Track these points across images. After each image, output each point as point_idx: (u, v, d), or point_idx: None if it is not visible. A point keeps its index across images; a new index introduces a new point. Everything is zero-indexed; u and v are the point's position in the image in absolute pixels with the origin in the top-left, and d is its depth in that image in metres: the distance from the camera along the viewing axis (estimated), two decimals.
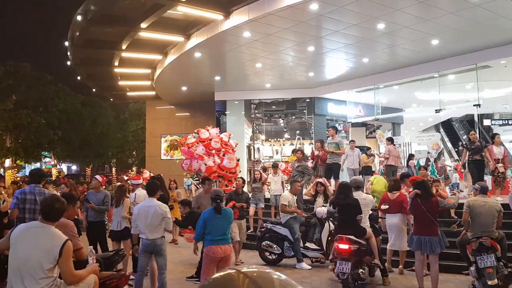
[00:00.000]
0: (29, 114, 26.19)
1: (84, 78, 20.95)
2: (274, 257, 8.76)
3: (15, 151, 27.42)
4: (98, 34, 14.82)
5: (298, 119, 20.03)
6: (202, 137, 12.16)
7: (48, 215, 3.72)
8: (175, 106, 22.02)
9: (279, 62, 14.11)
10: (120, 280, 4.68)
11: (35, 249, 3.50)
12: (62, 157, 33.36)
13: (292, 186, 9.11)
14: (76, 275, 3.72)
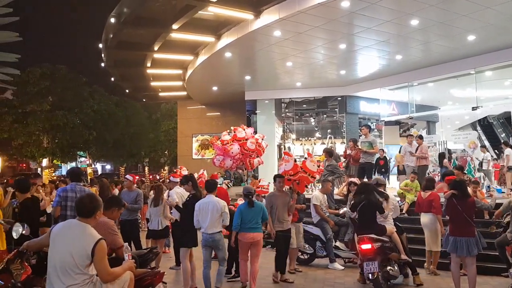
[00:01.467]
0: (65, 115, 26.98)
1: (117, 79, 21.45)
2: (306, 256, 8.69)
3: (52, 151, 28.29)
4: (131, 36, 15.13)
5: (330, 117, 19.82)
6: (238, 136, 12.19)
7: (81, 212, 3.77)
8: (206, 106, 22.21)
9: (310, 60, 13.99)
10: (154, 278, 4.72)
11: (71, 247, 3.55)
12: (97, 156, 34.18)
13: (323, 186, 9.02)
14: (111, 273, 3.74)
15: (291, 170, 7.34)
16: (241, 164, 12.96)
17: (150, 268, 5.05)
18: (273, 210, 7.21)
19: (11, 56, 1.92)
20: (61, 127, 27.01)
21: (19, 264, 4.27)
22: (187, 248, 6.75)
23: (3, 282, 3.79)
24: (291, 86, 17.40)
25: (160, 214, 8.09)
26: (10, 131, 26.33)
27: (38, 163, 31.46)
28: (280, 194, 7.40)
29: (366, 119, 18.48)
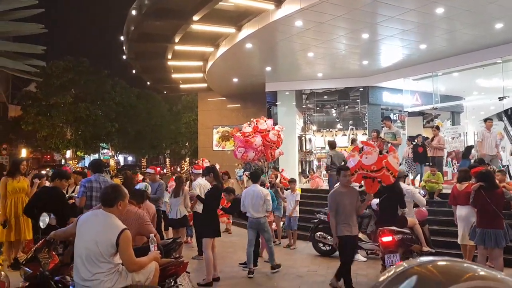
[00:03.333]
0: (87, 107, 27.44)
1: (139, 71, 21.61)
2: (328, 248, 8.65)
3: (75, 142, 28.86)
4: (152, 28, 15.20)
5: (351, 109, 19.56)
6: (260, 127, 12.14)
7: (105, 202, 3.82)
8: (227, 98, 22.20)
9: (332, 50, 13.80)
10: (178, 267, 4.75)
11: (96, 236, 3.60)
12: (119, 148, 34.73)
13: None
14: (137, 263, 3.78)
15: (375, 165, 5.90)
16: (262, 155, 12.91)
17: (174, 258, 5.09)
18: (339, 210, 6.11)
19: (38, 48, 1.94)
20: (84, 119, 27.49)
21: (46, 253, 4.35)
22: (209, 238, 6.80)
23: (32, 271, 3.87)
24: (312, 77, 17.23)
25: (179, 204, 8.23)
26: (35, 123, 26.92)
27: (62, 154, 32.13)
28: (347, 191, 6.23)
29: (389, 110, 18.16)
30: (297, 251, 9.18)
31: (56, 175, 6.31)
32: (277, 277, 7.16)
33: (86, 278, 3.53)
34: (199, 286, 6.42)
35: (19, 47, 2.12)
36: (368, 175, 6.01)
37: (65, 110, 27.14)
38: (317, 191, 12.64)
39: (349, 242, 6.20)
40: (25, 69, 2.22)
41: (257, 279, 6.98)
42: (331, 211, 6.16)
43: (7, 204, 7.26)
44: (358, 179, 6.23)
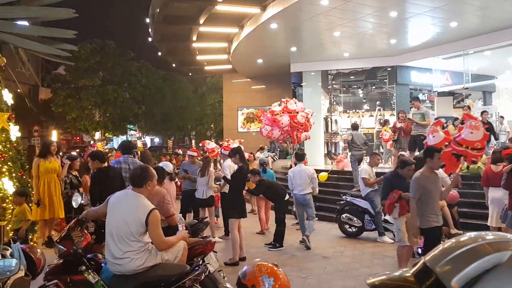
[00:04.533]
0: (115, 89, 27.83)
1: (164, 54, 21.76)
2: (355, 230, 8.64)
3: (104, 124, 29.41)
4: (177, 9, 15.22)
5: (379, 89, 19.18)
6: (290, 107, 12.11)
7: (134, 182, 3.90)
8: (251, 79, 22.14)
9: (358, 30, 13.52)
10: (206, 247, 4.83)
11: (126, 216, 3.69)
12: (146, 130, 35.19)
13: (371, 159, 8.84)
14: (166, 242, 3.86)
15: (479, 142, 5.17)
16: (288, 137, 12.88)
17: (202, 238, 5.19)
18: (424, 198, 5.27)
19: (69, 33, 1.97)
20: (111, 101, 27.92)
21: (79, 232, 4.49)
22: (235, 219, 6.89)
23: (66, 249, 4.00)
24: (338, 57, 16.95)
25: (205, 184, 8.35)
26: (64, 106, 27.50)
27: (91, 136, 32.82)
28: (434, 176, 5.40)
29: (418, 90, 17.74)
30: (322, 233, 9.20)
31: (94, 156, 6.36)
32: (303, 257, 7.21)
33: (117, 256, 3.63)
34: (226, 265, 6.54)
35: (51, 32, 2.16)
36: (463, 152, 5.22)
37: (93, 93, 27.60)
38: (343, 172, 12.56)
39: (438, 234, 5.41)
40: (57, 54, 2.26)
41: (283, 260, 7.05)
42: (414, 198, 5.27)
43: (40, 184, 7.49)
44: (445, 157, 5.40)
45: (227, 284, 4.49)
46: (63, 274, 3.85)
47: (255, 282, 2.27)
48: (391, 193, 5.89)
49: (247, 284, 2.26)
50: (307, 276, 6.07)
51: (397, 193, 5.82)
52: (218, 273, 4.55)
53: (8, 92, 8.00)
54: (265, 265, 2.43)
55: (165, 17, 16.04)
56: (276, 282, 2.31)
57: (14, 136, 7.90)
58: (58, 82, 28.42)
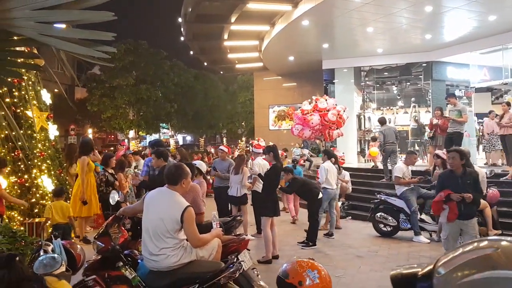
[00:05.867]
0: (148, 88, 28.37)
1: (196, 52, 21.98)
2: (389, 229, 8.47)
3: (137, 123, 30.05)
4: (209, 8, 15.34)
5: (413, 85, 18.71)
6: (320, 106, 11.97)
7: (169, 180, 3.93)
8: (282, 77, 22.07)
9: (392, 25, 13.23)
10: (239, 244, 4.84)
11: (161, 213, 3.73)
12: (178, 128, 35.71)
13: (408, 158, 8.65)
14: (200, 239, 3.89)
15: None
16: (320, 135, 12.78)
17: (236, 235, 5.20)
18: None
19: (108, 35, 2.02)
20: (145, 100, 28.49)
21: (116, 228, 4.58)
22: (268, 217, 6.88)
23: (104, 245, 4.08)
24: (372, 53, 16.65)
25: (239, 182, 8.36)
26: (99, 105, 28.25)
27: (125, 134, 33.57)
28: None
29: (454, 86, 17.21)
30: (356, 232, 9.09)
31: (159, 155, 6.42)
32: (336, 256, 7.13)
33: (154, 252, 3.69)
34: (259, 263, 6.54)
35: (91, 35, 2.20)
36: None
37: (127, 92, 28.21)
38: (376, 170, 12.35)
39: None
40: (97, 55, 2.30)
41: (317, 259, 6.95)
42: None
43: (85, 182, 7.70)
44: None
45: (261, 282, 4.49)
46: (101, 270, 3.93)
47: (301, 278, 2.27)
48: (440, 192, 5.51)
49: (292, 282, 2.25)
50: (341, 276, 5.99)
51: (445, 193, 5.35)
52: (252, 271, 4.55)
53: (46, 92, 8.28)
54: (304, 261, 2.43)
55: (197, 16, 16.19)
56: (320, 274, 2.31)
57: (52, 135, 8.16)
58: (93, 81, 29.21)
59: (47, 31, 2.21)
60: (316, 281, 2.29)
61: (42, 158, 7.30)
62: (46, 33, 2.20)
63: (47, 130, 7.90)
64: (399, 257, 7.04)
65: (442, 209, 5.42)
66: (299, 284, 2.27)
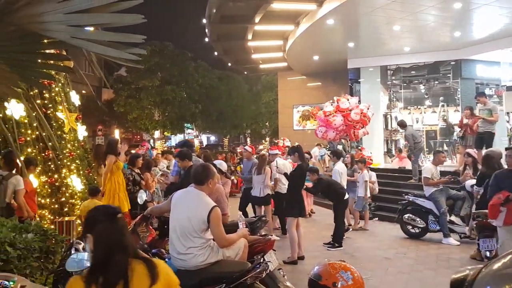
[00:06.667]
0: (173, 89, 28.72)
1: (220, 53, 22.08)
2: (418, 230, 8.32)
3: (163, 123, 30.45)
4: (233, 9, 15.37)
5: (442, 84, 18.30)
6: (341, 107, 11.85)
7: (196, 180, 3.97)
8: (307, 76, 21.94)
9: (419, 23, 12.99)
10: (265, 245, 4.83)
11: (188, 212, 3.76)
12: (202, 128, 36.01)
13: (436, 157, 8.47)
14: (227, 239, 3.90)
15: None
16: (345, 135, 12.65)
17: (262, 236, 5.20)
18: None
19: (138, 37, 2.05)
20: (170, 101, 28.84)
21: (144, 228, 4.64)
22: (294, 217, 6.85)
23: None
24: (398, 52, 16.37)
25: (262, 182, 8.36)
26: (126, 106, 28.74)
27: (150, 134, 34.05)
28: None
29: (484, 84, 16.77)
30: (383, 233, 8.96)
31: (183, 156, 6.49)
32: (363, 258, 7.05)
33: (181, 251, 3.71)
34: (285, 264, 6.52)
35: (122, 37, 2.22)
36: None
37: (152, 93, 28.61)
38: (404, 171, 12.14)
39: None
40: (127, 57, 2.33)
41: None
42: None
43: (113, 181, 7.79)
44: None
45: (288, 283, 4.47)
46: None
47: (335, 279, 2.26)
48: (497, 194, 5.15)
49: (326, 284, 2.24)
50: (368, 277, 5.90)
51: (504, 195, 5.03)
52: (278, 271, 4.54)
53: (75, 94, 8.46)
54: (336, 263, 2.41)
55: (221, 17, 16.26)
56: (353, 275, 2.29)
57: (81, 136, 8.33)
58: (120, 83, 29.73)
59: (78, 34, 2.25)
60: (350, 282, 2.27)
61: (72, 158, 7.45)
62: (78, 36, 2.24)
63: (76, 131, 8.06)
64: (428, 260, 6.91)
65: (499, 212, 5.08)
66: (333, 286, 2.25)
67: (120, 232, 2.04)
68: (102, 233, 1.98)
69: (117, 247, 1.98)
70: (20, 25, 2.20)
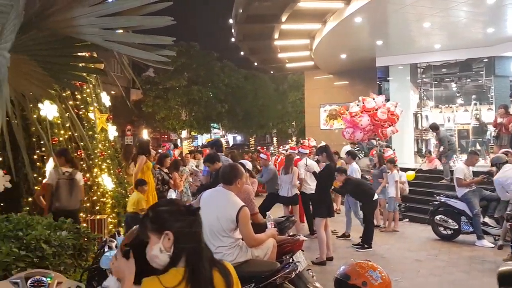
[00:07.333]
0: (199, 89, 28.97)
1: (246, 53, 22.12)
2: (450, 232, 8.12)
3: (190, 123, 30.76)
4: (260, 9, 15.36)
5: (474, 82, 17.80)
6: (367, 106, 11.66)
7: (224, 179, 3.99)
8: (334, 75, 21.73)
9: (451, 19, 12.65)
10: (294, 245, 4.81)
11: (217, 212, 3.78)
12: (229, 128, 36.19)
13: (469, 158, 8.24)
14: (256, 239, 3.90)
15: None
16: (373, 135, 12.44)
17: (290, 236, 5.18)
18: None
19: (167, 39, 2.07)
20: (196, 101, 29.10)
21: None
22: (322, 218, 6.78)
23: None
24: (429, 49, 15.98)
25: (289, 182, 8.33)
26: (153, 106, 29.18)
27: (178, 134, 34.46)
28: None
29: None
30: (414, 234, 8.79)
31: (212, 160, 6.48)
32: (393, 260, 6.93)
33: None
34: (313, 264, 6.47)
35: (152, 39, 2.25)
36: None
37: (179, 93, 28.94)
38: (435, 171, 11.86)
39: None
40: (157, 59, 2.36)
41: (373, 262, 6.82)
42: None
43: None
44: None
45: (317, 283, 4.44)
46: None
47: (364, 278, 2.23)
48: None
49: (356, 283, 2.22)
50: (399, 279, 5.80)
51: None
52: (307, 272, 4.51)
53: (106, 95, 8.64)
54: (362, 262, 2.38)
55: (247, 17, 16.27)
56: (381, 274, 2.27)
57: (112, 136, 8.50)
58: (148, 83, 30.20)
59: (110, 36, 2.29)
60: (380, 281, 2.24)
61: (103, 158, 7.61)
62: (110, 39, 2.28)
63: (107, 131, 8.23)
64: (461, 262, 6.74)
65: None
66: (363, 285, 2.22)
67: (202, 232, 1.79)
68: (187, 230, 1.71)
69: (202, 248, 1.74)
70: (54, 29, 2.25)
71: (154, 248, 1.66)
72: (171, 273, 1.64)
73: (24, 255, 3.62)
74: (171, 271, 1.64)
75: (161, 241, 1.67)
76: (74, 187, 5.86)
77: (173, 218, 1.71)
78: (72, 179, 5.86)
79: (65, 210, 5.59)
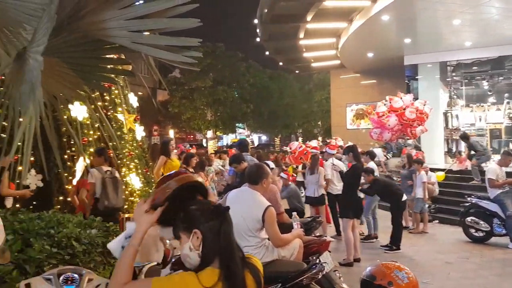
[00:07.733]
0: (224, 90, 29.17)
1: (271, 53, 22.13)
2: (482, 234, 7.90)
3: (215, 123, 30.99)
4: (285, 9, 15.36)
5: (507, 80, 17.30)
6: (394, 106, 11.48)
7: (250, 179, 3.98)
8: (360, 74, 21.49)
9: (482, 16, 12.33)
10: (321, 245, 4.77)
11: (243, 212, 3.77)
12: (254, 128, 36.25)
13: (502, 158, 7.99)
14: (282, 239, 3.89)
15: None
16: (401, 134, 12.24)
17: (317, 236, 5.14)
18: None
19: (194, 41, 2.09)
20: (222, 101, 29.31)
21: None
22: (349, 219, 6.71)
23: None
24: (459, 47, 15.60)
25: (316, 183, 8.26)
26: (179, 106, 29.54)
27: (203, 134, 34.77)
28: None
29: None
30: (444, 236, 8.59)
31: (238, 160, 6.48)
32: (423, 262, 6.79)
33: None
34: (340, 265, 6.40)
35: (179, 41, 2.27)
36: None
37: (205, 93, 29.20)
38: (466, 172, 11.57)
39: None
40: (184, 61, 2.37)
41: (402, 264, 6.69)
42: None
43: None
44: None
45: (344, 285, 4.38)
46: None
47: (390, 279, 2.20)
48: None
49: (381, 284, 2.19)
50: (428, 282, 5.68)
51: None
52: (334, 273, 4.47)
53: (133, 96, 8.77)
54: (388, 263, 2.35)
55: (272, 16, 16.29)
56: (407, 275, 2.23)
57: (139, 136, 8.62)
58: (174, 84, 30.58)
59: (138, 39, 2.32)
60: (406, 281, 2.21)
61: (131, 157, 7.72)
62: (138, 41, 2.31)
63: (135, 131, 8.35)
64: (493, 265, 6.54)
65: None
66: (389, 285, 2.18)
67: (232, 232, 1.79)
68: (216, 229, 1.71)
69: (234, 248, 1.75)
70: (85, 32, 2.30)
71: (184, 246, 1.68)
72: (207, 272, 1.64)
73: (55, 252, 3.69)
74: (207, 270, 1.64)
75: (190, 239, 1.68)
76: (118, 185, 5.96)
77: (202, 217, 1.72)
78: (115, 177, 5.96)
79: (114, 208, 5.69)
